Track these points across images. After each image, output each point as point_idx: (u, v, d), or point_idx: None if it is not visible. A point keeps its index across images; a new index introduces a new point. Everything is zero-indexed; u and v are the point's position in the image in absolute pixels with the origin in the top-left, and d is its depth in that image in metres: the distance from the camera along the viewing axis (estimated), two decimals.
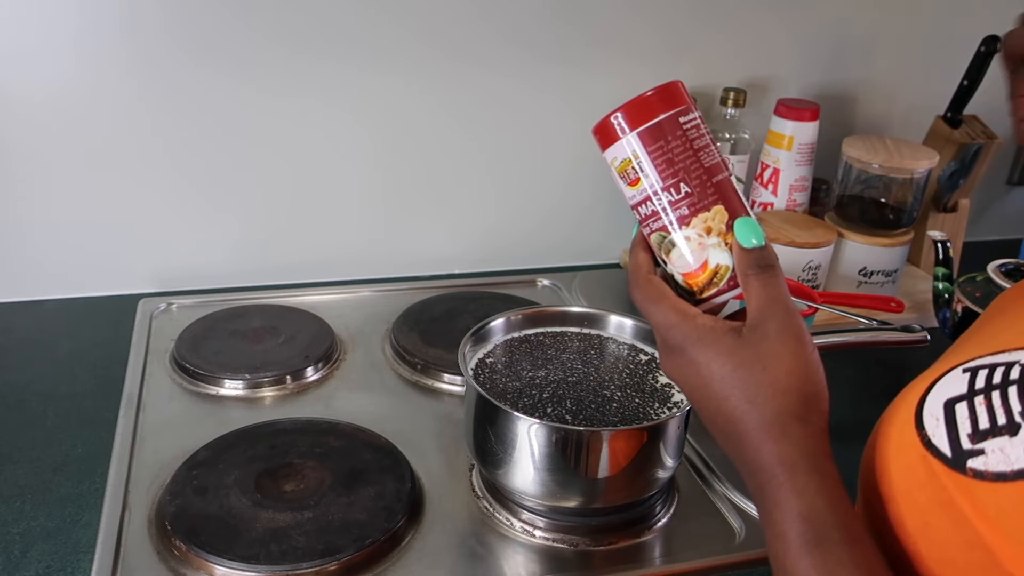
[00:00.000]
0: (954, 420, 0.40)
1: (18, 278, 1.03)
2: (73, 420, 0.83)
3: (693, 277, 0.52)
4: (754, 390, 0.47)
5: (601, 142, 0.53)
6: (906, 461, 0.42)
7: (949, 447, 0.40)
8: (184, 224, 1.06)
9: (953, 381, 0.42)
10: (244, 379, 0.89)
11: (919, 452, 0.41)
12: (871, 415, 0.54)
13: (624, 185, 0.52)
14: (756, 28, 1.15)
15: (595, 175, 1.18)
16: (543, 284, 1.15)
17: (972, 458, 0.39)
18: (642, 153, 0.51)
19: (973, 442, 0.39)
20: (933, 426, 0.41)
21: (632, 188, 0.52)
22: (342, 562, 0.65)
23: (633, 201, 0.53)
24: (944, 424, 0.41)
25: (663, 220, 0.52)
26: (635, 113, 0.51)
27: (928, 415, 0.42)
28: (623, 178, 0.52)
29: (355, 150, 1.08)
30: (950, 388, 0.42)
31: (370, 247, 1.14)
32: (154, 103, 0.99)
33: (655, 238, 0.52)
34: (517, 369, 0.73)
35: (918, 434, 0.42)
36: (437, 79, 1.06)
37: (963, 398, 0.41)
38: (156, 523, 0.70)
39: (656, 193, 0.51)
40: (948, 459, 0.40)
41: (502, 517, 0.72)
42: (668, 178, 0.51)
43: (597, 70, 1.11)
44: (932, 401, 0.42)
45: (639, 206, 0.52)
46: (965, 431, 0.39)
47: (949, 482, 0.39)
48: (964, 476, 0.39)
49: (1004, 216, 1.41)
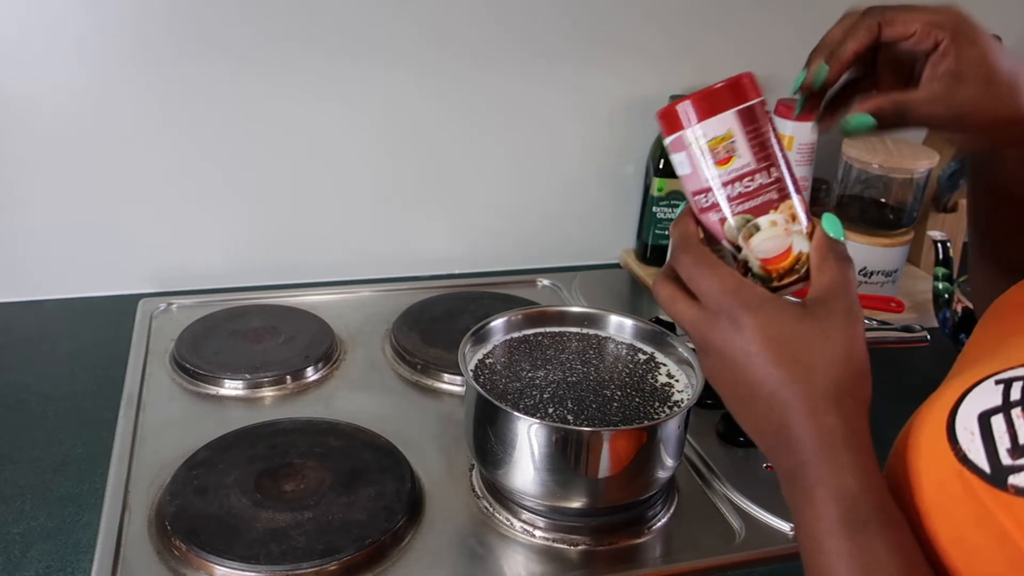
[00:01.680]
0: (991, 434, 0.39)
1: (18, 278, 1.03)
2: (73, 420, 0.83)
3: (775, 263, 0.50)
4: (812, 360, 0.45)
5: (698, 113, 0.50)
6: (938, 475, 0.41)
7: (987, 462, 0.39)
8: (184, 224, 1.06)
9: (986, 393, 0.41)
10: (244, 379, 0.89)
11: (953, 467, 0.40)
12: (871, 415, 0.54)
13: (709, 164, 0.50)
14: (757, 28, 1.15)
15: (596, 175, 1.18)
16: (543, 284, 1.15)
17: (1014, 474, 0.38)
18: (739, 131, 0.50)
19: (1013, 457, 0.38)
20: (968, 440, 0.40)
21: (720, 167, 0.50)
22: (342, 562, 0.65)
23: (718, 181, 0.50)
24: (980, 438, 0.39)
25: (751, 202, 0.50)
26: (734, 92, 0.50)
27: (961, 428, 0.41)
28: (713, 155, 0.50)
29: (355, 150, 1.08)
30: (984, 400, 0.41)
31: (370, 247, 1.14)
32: (155, 103, 0.99)
33: (736, 221, 0.50)
34: (517, 369, 0.73)
35: (951, 448, 0.40)
36: (438, 80, 1.06)
37: (999, 411, 0.39)
38: (156, 523, 0.70)
39: (748, 174, 0.50)
40: (987, 475, 0.39)
41: (502, 517, 0.72)
42: (761, 160, 0.50)
43: (598, 71, 1.11)
44: (965, 413, 0.41)
45: (720, 188, 0.50)
46: (1004, 446, 0.38)
47: (988, 498, 0.38)
48: (1005, 493, 0.38)
49: None
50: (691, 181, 0.51)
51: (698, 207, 0.51)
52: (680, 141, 0.51)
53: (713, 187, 0.50)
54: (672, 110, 0.50)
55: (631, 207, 1.19)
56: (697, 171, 0.51)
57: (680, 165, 0.51)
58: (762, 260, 0.50)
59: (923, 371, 0.62)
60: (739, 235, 0.50)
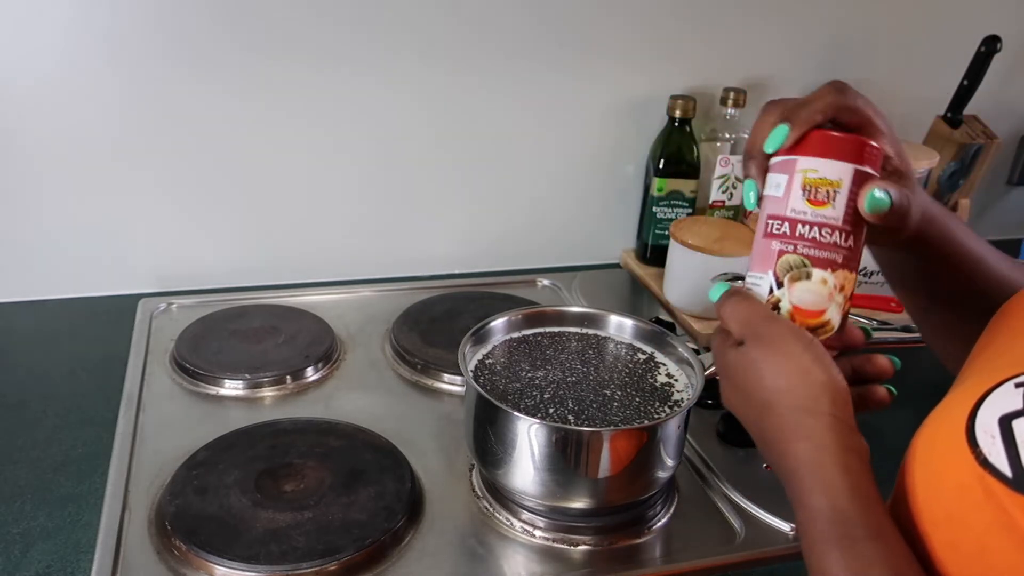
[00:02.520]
0: (1012, 438, 0.39)
1: (18, 278, 1.03)
2: (73, 420, 0.83)
3: (804, 316, 0.51)
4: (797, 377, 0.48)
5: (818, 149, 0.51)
6: (958, 480, 0.41)
7: (1009, 466, 0.38)
8: (184, 224, 1.06)
9: (1006, 396, 0.41)
10: (244, 379, 0.89)
11: (974, 471, 0.39)
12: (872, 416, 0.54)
13: (801, 198, 0.51)
14: (757, 28, 1.15)
15: (596, 175, 1.18)
16: (543, 284, 1.15)
17: None
18: (847, 186, 0.50)
19: None
20: (989, 444, 0.40)
21: (811, 206, 0.50)
22: (342, 562, 0.65)
23: (799, 216, 0.51)
24: (1002, 442, 0.39)
25: (817, 251, 0.50)
26: (865, 152, 0.50)
27: (982, 432, 0.40)
28: (807, 191, 0.50)
29: (355, 150, 1.08)
30: (1004, 404, 0.40)
31: (370, 247, 1.14)
32: (155, 103, 0.99)
33: (792, 259, 0.51)
34: (516, 370, 0.73)
35: (972, 452, 0.40)
36: (438, 82, 1.06)
37: (1020, 414, 0.39)
38: (156, 523, 0.70)
39: (830, 227, 0.50)
40: (1008, 479, 0.38)
41: (502, 517, 0.72)
42: (847, 223, 0.50)
43: (598, 72, 1.11)
44: (984, 417, 0.41)
45: (800, 223, 0.51)
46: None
47: (1010, 503, 0.38)
48: None
49: (1004, 216, 1.41)
50: (776, 204, 0.52)
51: (766, 229, 0.52)
52: (790, 164, 0.51)
53: (794, 219, 0.51)
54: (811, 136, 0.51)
55: (631, 207, 1.19)
56: (788, 198, 0.51)
57: (775, 187, 0.52)
58: (794, 306, 0.51)
59: (923, 371, 0.62)
60: (788, 274, 0.51)
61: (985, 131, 1.18)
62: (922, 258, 0.57)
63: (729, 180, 1.15)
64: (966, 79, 1.13)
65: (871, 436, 0.48)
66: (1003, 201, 1.41)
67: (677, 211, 1.13)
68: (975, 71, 1.12)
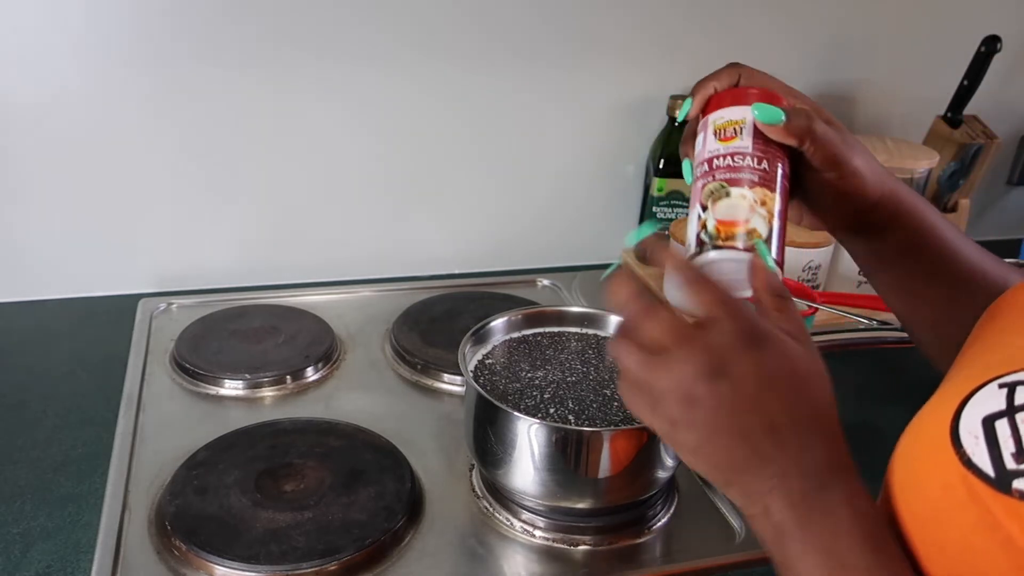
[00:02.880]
0: (995, 438, 0.39)
1: (18, 278, 1.03)
2: (73, 420, 0.83)
3: (727, 226, 0.54)
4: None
5: (726, 101, 0.58)
6: (943, 480, 0.41)
7: (992, 466, 0.38)
8: (184, 224, 1.06)
9: (989, 397, 0.41)
10: (244, 379, 0.89)
11: (958, 471, 0.40)
12: (871, 416, 0.54)
13: (714, 140, 0.57)
14: (756, 28, 1.15)
15: (596, 175, 1.18)
16: (543, 284, 1.15)
17: (1018, 479, 0.37)
18: (750, 123, 0.56)
19: (1018, 461, 0.38)
20: (972, 444, 0.40)
21: (723, 143, 0.56)
22: (342, 562, 0.65)
23: (715, 153, 0.56)
24: (985, 442, 0.39)
25: (731, 175, 0.55)
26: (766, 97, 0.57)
27: (966, 432, 0.40)
28: (719, 134, 0.57)
29: (355, 150, 1.08)
30: (987, 404, 0.41)
31: (370, 247, 1.14)
32: (154, 104, 0.99)
33: (713, 186, 0.55)
34: (516, 370, 0.73)
35: (956, 452, 0.40)
36: (437, 80, 1.06)
37: (1003, 415, 0.39)
38: (156, 523, 0.70)
39: (740, 154, 0.55)
40: (991, 479, 0.38)
41: (502, 517, 0.72)
42: (757, 151, 0.55)
43: (597, 72, 1.11)
44: (968, 417, 0.41)
45: (716, 158, 0.56)
46: (1009, 450, 0.38)
47: (993, 503, 0.38)
48: (1010, 498, 0.37)
49: (1004, 216, 1.41)
50: (698, 155, 0.58)
51: (695, 175, 0.58)
52: (705, 121, 0.58)
53: (711, 158, 0.56)
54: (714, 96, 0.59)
55: (631, 207, 1.19)
56: (705, 145, 0.57)
57: (699, 142, 0.58)
58: (718, 220, 0.54)
59: (922, 371, 0.62)
60: (710, 198, 0.55)
61: (985, 131, 1.18)
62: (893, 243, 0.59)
63: None
64: (966, 79, 1.13)
65: (869, 435, 0.48)
66: (1003, 201, 1.41)
67: (677, 211, 1.14)
68: (975, 71, 1.12)
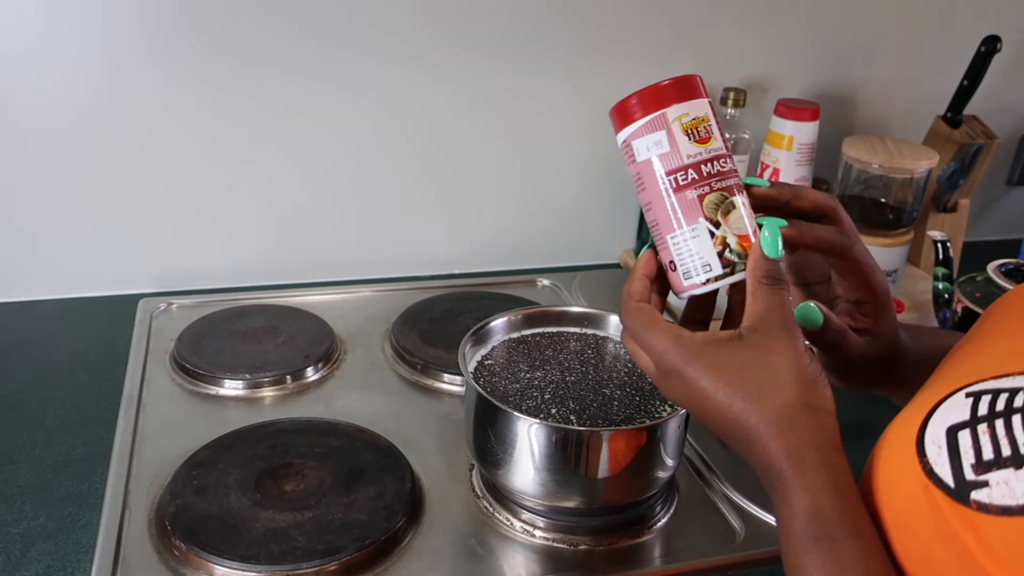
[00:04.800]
0: (957, 449, 0.39)
1: (18, 278, 1.03)
2: (73, 420, 0.83)
3: (747, 241, 0.52)
4: (758, 387, 0.47)
5: (677, 94, 0.52)
6: (907, 489, 0.41)
7: (952, 477, 0.38)
8: (184, 224, 1.06)
9: (955, 407, 0.41)
10: (244, 379, 0.89)
11: (921, 481, 0.40)
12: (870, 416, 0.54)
13: (687, 142, 0.52)
14: (756, 28, 1.15)
15: (596, 175, 1.18)
16: (543, 284, 1.15)
17: (976, 490, 0.37)
18: (712, 117, 0.53)
19: (977, 473, 0.38)
20: (935, 454, 0.40)
21: (699, 145, 0.52)
22: (342, 562, 0.65)
23: (698, 159, 0.52)
24: (947, 452, 0.39)
25: (729, 181, 0.52)
26: (701, 85, 0.54)
27: (930, 442, 0.41)
28: (691, 135, 0.52)
29: (355, 151, 1.08)
30: (952, 414, 0.41)
31: (370, 247, 1.14)
32: (155, 104, 0.99)
33: (715, 197, 0.52)
34: (516, 370, 0.73)
35: (920, 461, 0.40)
36: (437, 81, 1.06)
37: (966, 425, 0.39)
38: (156, 523, 0.70)
39: (720, 157, 0.52)
40: (951, 489, 0.38)
41: (502, 517, 0.72)
42: (726, 148, 0.53)
43: (597, 71, 1.11)
44: (934, 427, 0.41)
45: (702, 164, 0.52)
46: (968, 461, 0.38)
47: (952, 514, 0.38)
48: (967, 508, 0.37)
49: (1004, 216, 1.41)
50: (668, 160, 0.52)
51: (674, 185, 0.52)
52: (662, 120, 0.52)
53: (695, 163, 0.52)
54: (652, 90, 0.53)
55: (631, 207, 1.19)
56: (678, 148, 0.52)
57: (655, 145, 0.52)
58: (738, 237, 0.52)
59: None
60: (718, 211, 0.52)
61: (985, 131, 1.18)
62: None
63: None
64: (966, 79, 1.13)
65: (867, 435, 0.48)
66: (1003, 201, 1.41)
67: None
68: (975, 71, 1.12)
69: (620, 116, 0.54)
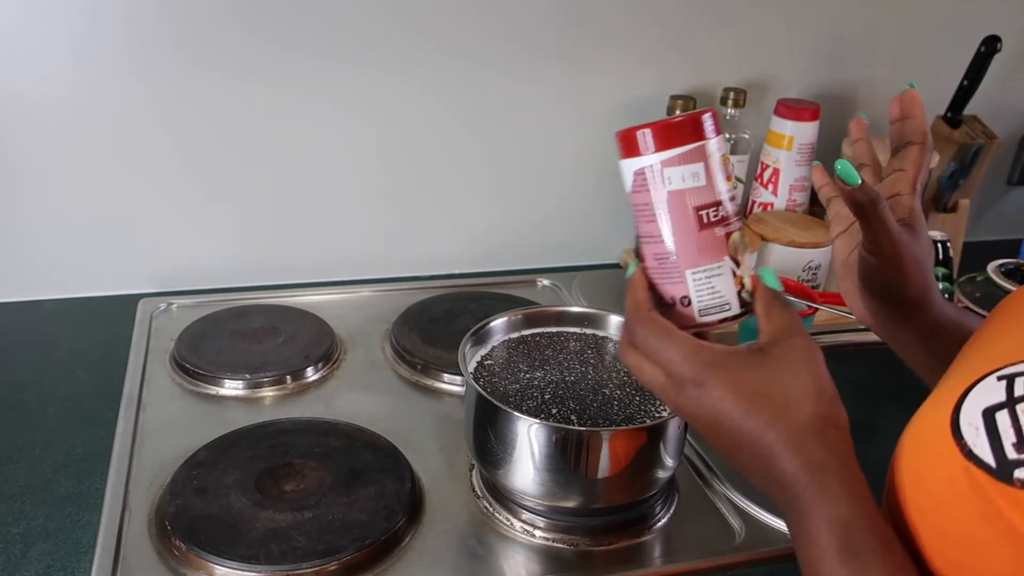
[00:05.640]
0: (996, 429, 0.39)
1: (18, 278, 1.03)
2: (73, 420, 0.83)
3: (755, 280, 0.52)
4: (785, 398, 0.46)
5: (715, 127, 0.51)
6: (945, 472, 0.41)
7: (993, 457, 0.39)
8: (184, 224, 1.06)
9: (989, 389, 0.41)
10: (244, 379, 0.89)
11: (960, 463, 0.40)
12: (871, 415, 0.54)
13: (722, 179, 0.51)
14: (756, 28, 1.15)
15: (595, 175, 1.18)
16: (543, 284, 1.15)
17: (1019, 468, 0.38)
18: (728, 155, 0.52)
19: (1019, 451, 0.38)
20: (973, 436, 0.40)
21: (728, 183, 0.51)
22: (342, 562, 0.65)
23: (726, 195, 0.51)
24: (985, 433, 0.39)
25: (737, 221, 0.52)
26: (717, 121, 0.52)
27: (966, 424, 0.41)
28: (724, 170, 0.51)
29: (355, 150, 1.08)
30: (987, 397, 0.41)
31: (370, 247, 1.14)
32: (155, 104, 0.99)
33: (736, 237, 0.51)
34: (515, 370, 0.73)
35: (957, 444, 0.40)
36: (437, 80, 1.06)
37: (1003, 406, 0.40)
38: (156, 523, 0.70)
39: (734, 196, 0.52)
40: (993, 469, 0.38)
41: (502, 517, 0.72)
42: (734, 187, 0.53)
43: (597, 71, 1.11)
44: (968, 410, 0.41)
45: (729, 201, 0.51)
46: (1009, 440, 0.38)
47: (995, 493, 0.38)
48: (1011, 487, 0.38)
49: (1004, 216, 1.41)
50: (701, 194, 0.50)
51: (705, 220, 0.50)
52: (701, 151, 0.50)
53: (724, 200, 0.51)
54: (692, 119, 0.50)
55: (631, 207, 1.19)
56: (713, 184, 0.50)
57: (692, 177, 0.50)
58: (752, 278, 0.51)
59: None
60: (738, 250, 0.51)
61: (985, 131, 1.18)
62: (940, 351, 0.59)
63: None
64: (966, 79, 1.13)
65: (868, 434, 0.48)
66: (1003, 201, 1.41)
67: None
68: (975, 71, 1.12)
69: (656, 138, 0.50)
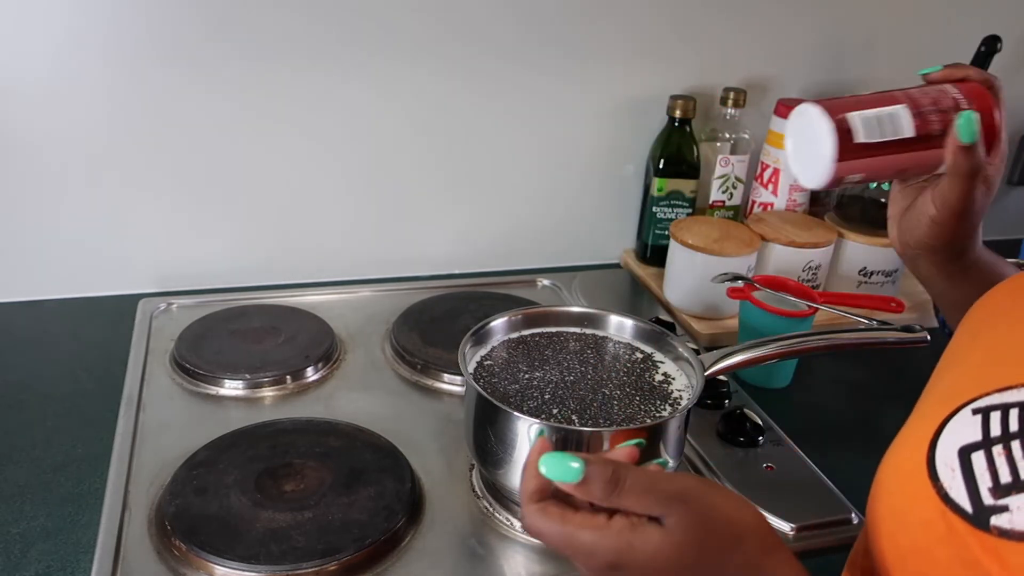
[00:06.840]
0: (972, 472, 0.38)
1: (18, 278, 1.03)
2: (73, 420, 0.83)
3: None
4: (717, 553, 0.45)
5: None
6: (922, 515, 0.40)
7: (970, 502, 0.38)
8: (184, 224, 1.06)
9: (964, 425, 0.40)
10: (244, 379, 0.89)
11: (937, 506, 0.39)
12: (870, 415, 0.54)
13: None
14: (757, 28, 1.15)
15: (595, 175, 1.18)
16: (543, 284, 1.15)
17: (996, 515, 0.36)
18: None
19: (995, 497, 0.37)
20: (949, 477, 0.39)
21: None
22: (342, 562, 0.65)
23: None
24: (961, 475, 0.38)
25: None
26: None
27: (942, 464, 0.40)
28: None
29: (355, 151, 1.08)
30: (963, 434, 0.40)
31: (370, 247, 1.14)
32: (155, 104, 0.99)
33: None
34: (515, 370, 0.73)
35: (933, 485, 0.39)
36: (438, 80, 1.06)
37: (979, 446, 0.39)
38: (156, 523, 0.70)
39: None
40: (969, 515, 0.37)
41: (502, 517, 0.72)
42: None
43: (597, 71, 1.11)
44: (944, 448, 0.40)
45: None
46: (986, 484, 0.37)
47: (972, 540, 0.37)
48: (988, 535, 0.36)
49: (1004, 216, 1.41)
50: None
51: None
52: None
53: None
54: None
55: (631, 207, 1.20)
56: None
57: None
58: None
59: (923, 371, 0.62)
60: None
61: None
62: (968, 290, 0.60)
63: (729, 180, 1.15)
64: None
65: (869, 434, 0.48)
66: (1003, 201, 1.41)
67: (677, 211, 1.14)
68: None
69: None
